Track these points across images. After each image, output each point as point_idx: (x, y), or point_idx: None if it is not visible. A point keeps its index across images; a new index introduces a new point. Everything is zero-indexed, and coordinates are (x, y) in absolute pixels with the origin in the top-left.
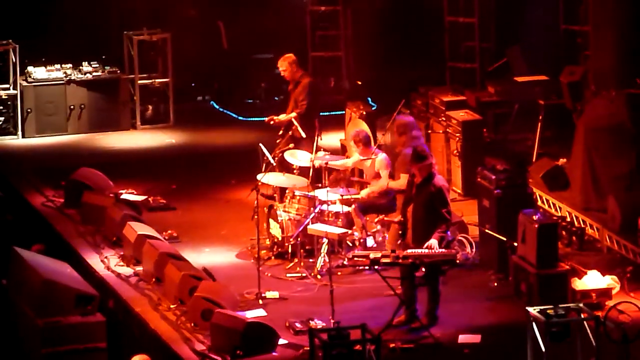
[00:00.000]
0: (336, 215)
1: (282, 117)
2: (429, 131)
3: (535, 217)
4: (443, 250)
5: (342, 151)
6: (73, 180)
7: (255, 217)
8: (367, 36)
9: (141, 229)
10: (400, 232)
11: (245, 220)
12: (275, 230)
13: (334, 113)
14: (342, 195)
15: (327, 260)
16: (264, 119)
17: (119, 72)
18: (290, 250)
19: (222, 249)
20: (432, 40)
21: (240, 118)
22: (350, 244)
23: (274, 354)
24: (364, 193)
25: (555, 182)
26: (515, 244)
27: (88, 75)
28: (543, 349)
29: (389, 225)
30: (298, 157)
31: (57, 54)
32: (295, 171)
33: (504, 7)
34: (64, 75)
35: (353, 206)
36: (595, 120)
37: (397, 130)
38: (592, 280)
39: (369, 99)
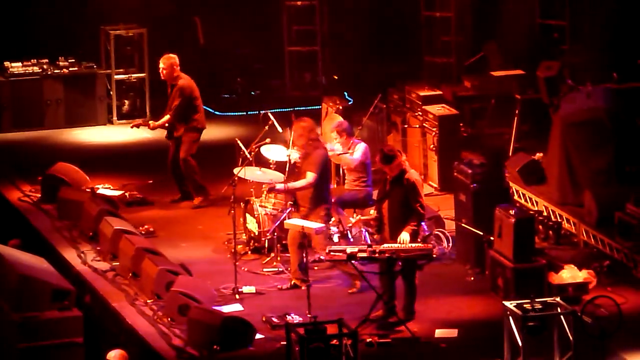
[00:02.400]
0: None
1: (158, 122)
2: (406, 126)
3: (511, 212)
4: (419, 244)
5: None
6: (50, 175)
7: (232, 211)
8: (344, 31)
9: (118, 223)
10: (375, 227)
11: (222, 215)
12: (251, 225)
13: (310, 108)
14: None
15: (304, 254)
16: (241, 113)
17: (95, 67)
18: (266, 245)
19: (199, 244)
20: (408, 35)
21: (217, 113)
22: (328, 239)
23: (250, 348)
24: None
25: (531, 176)
26: (492, 238)
27: (65, 70)
28: (520, 343)
29: (368, 222)
30: (275, 152)
31: (33, 49)
32: (271, 166)
33: (480, 1)
34: (41, 70)
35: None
36: (572, 115)
37: (307, 130)
38: (569, 274)
39: (346, 93)
